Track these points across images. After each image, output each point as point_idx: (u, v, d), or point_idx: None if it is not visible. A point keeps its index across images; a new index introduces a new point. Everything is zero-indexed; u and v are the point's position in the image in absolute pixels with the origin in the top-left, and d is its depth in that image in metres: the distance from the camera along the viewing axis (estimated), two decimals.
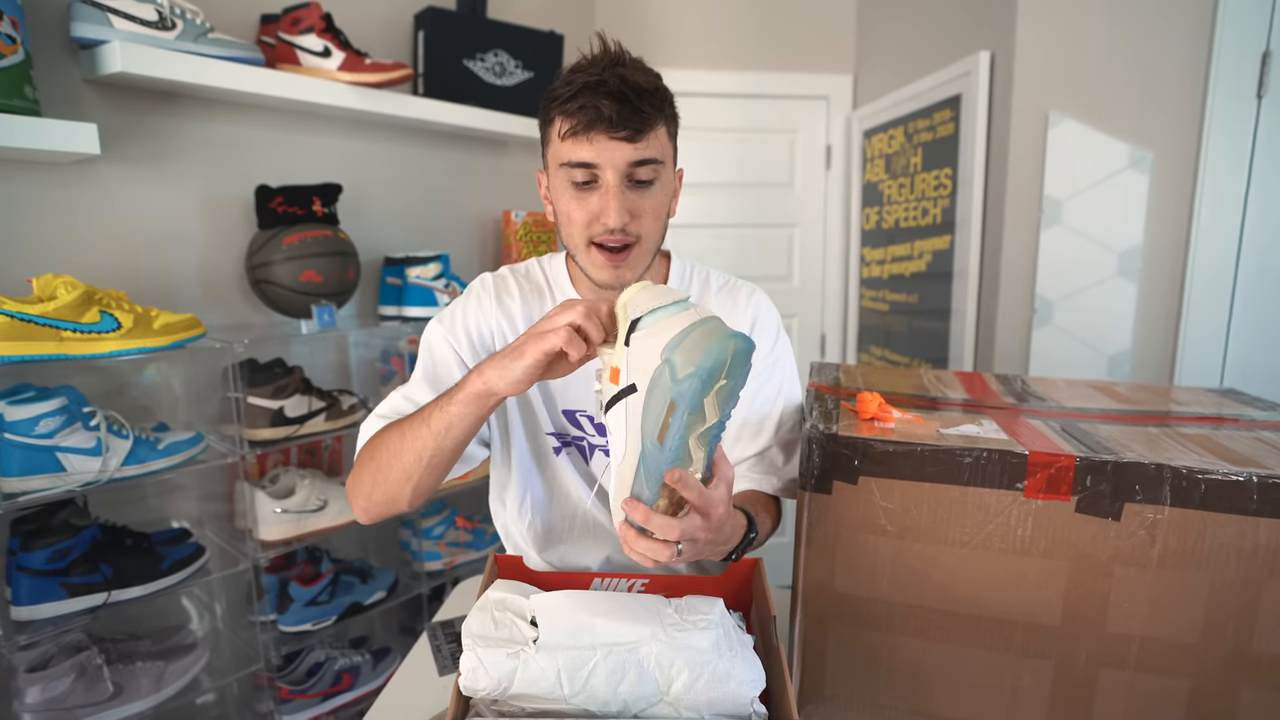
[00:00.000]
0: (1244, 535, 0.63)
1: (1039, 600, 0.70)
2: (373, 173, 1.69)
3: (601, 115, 0.77)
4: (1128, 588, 0.67)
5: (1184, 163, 1.48)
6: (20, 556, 1.09)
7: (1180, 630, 0.67)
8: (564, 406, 0.96)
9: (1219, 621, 0.66)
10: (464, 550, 1.72)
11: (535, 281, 0.99)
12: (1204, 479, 0.63)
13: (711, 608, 0.67)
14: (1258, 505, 0.63)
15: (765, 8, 2.29)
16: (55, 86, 1.19)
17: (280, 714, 1.44)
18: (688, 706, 0.61)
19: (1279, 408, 0.90)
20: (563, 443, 0.97)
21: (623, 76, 0.78)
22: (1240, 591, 0.64)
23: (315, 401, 1.41)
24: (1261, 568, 0.64)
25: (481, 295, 0.96)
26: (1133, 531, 0.66)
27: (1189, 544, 0.65)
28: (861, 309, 2.37)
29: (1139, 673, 0.69)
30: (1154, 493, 0.65)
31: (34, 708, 1.09)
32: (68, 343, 1.08)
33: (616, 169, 0.80)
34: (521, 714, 0.61)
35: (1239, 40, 1.41)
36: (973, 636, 0.72)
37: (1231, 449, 0.70)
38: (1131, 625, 0.68)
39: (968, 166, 1.74)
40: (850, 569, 0.75)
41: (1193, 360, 1.49)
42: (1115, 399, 0.93)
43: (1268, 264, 1.43)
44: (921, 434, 0.74)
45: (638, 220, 0.84)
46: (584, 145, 0.80)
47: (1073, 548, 0.68)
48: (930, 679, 0.75)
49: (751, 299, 0.98)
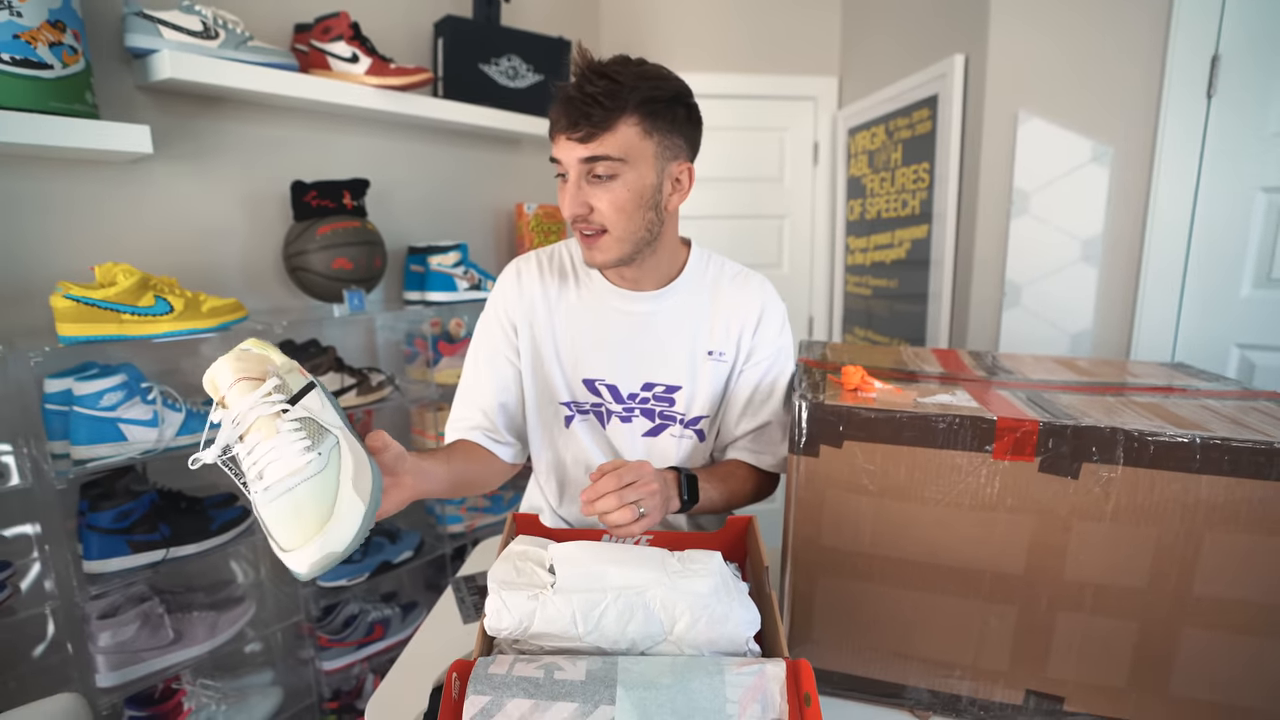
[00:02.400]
0: (1188, 491, 0.65)
1: (1005, 551, 0.71)
2: (397, 169, 1.69)
3: (559, 121, 0.84)
4: (1084, 539, 0.69)
5: (1140, 158, 1.48)
6: (90, 517, 1.11)
7: (1130, 577, 0.68)
8: (584, 376, 0.97)
9: (1164, 569, 0.67)
10: (483, 514, 1.75)
11: (559, 263, 1.01)
12: (1153, 440, 0.65)
13: (710, 558, 0.68)
14: (1200, 464, 0.64)
15: (758, 16, 2.27)
16: (111, 92, 1.20)
17: (320, 660, 1.47)
18: (689, 645, 0.63)
19: (1222, 379, 0.91)
20: (579, 411, 0.99)
21: (580, 85, 0.82)
22: (1184, 541, 0.66)
23: (347, 378, 1.43)
24: (1203, 520, 0.65)
25: (506, 285, 0.99)
26: (1089, 489, 0.67)
27: (1139, 500, 0.66)
28: (846, 293, 2.37)
29: (1093, 615, 0.70)
30: (1109, 453, 0.66)
31: (106, 650, 1.12)
32: (127, 324, 1.09)
33: (574, 166, 0.85)
34: (540, 651, 0.63)
35: (1191, 44, 1.40)
36: (945, 585, 0.74)
37: (1179, 415, 0.71)
38: (1086, 573, 0.69)
39: (944, 161, 1.73)
40: (835, 525, 0.76)
41: (1147, 337, 1.50)
42: (1077, 372, 0.94)
43: (1215, 251, 1.44)
44: (900, 402, 0.75)
45: (597, 211, 0.86)
46: (556, 145, 0.86)
47: (1036, 504, 0.69)
48: (907, 623, 0.77)
49: (762, 289, 1.00)
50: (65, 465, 1.08)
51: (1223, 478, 0.63)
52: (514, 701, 0.55)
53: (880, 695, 0.80)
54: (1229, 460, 0.63)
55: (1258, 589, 0.65)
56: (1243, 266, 1.42)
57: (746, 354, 0.98)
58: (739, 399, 0.98)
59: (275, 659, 1.49)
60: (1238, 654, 0.67)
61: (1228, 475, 0.63)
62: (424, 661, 0.93)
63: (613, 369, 0.96)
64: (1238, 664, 0.68)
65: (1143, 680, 0.71)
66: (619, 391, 0.97)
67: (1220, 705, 0.69)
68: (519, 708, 0.54)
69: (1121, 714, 0.72)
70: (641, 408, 0.98)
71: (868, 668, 0.79)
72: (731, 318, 0.97)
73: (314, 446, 0.58)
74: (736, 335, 0.97)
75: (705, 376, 0.97)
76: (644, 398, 0.98)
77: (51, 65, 1.03)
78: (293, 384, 0.61)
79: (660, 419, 0.99)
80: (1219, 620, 0.67)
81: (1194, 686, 0.69)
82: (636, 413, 0.98)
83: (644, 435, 0.99)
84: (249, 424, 0.57)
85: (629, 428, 0.98)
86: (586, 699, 0.55)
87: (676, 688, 0.56)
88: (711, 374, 0.97)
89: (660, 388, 0.97)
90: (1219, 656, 0.68)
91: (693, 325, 0.97)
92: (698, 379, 0.97)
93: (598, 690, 0.55)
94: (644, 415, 0.98)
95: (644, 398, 0.98)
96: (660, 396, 0.98)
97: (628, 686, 0.55)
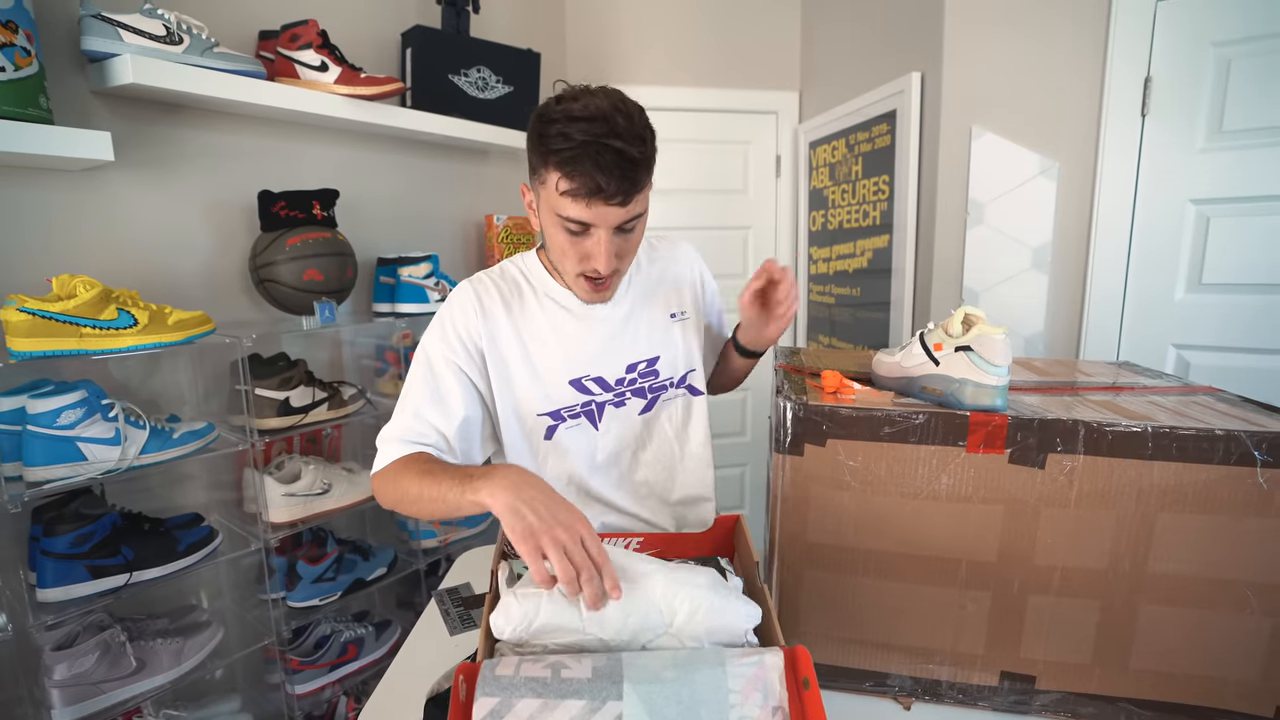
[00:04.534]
0: (1142, 476, 0.71)
1: (979, 540, 0.76)
2: (366, 179, 1.68)
3: (601, 189, 0.81)
4: (1051, 525, 0.74)
5: (1084, 171, 1.58)
6: (44, 542, 1.07)
7: (1092, 558, 0.74)
8: (570, 377, 0.99)
9: (1122, 549, 0.73)
10: (457, 528, 1.73)
11: (513, 280, 1.02)
12: (1110, 430, 0.71)
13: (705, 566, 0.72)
14: (1152, 451, 0.70)
15: (721, 31, 2.35)
16: (66, 97, 1.16)
17: (292, 684, 1.43)
18: (690, 636, 0.65)
19: (1165, 375, 0.99)
20: (565, 417, 1.00)
21: (620, 151, 0.79)
22: (1139, 523, 0.72)
23: (318, 392, 1.41)
24: (1155, 503, 0.71)
25: (465, 304, 0.97)
26: (1055, 477, 0.73)
27: (1099, 486, 0.72)
28: (810, 302, 2.44)
29: (1060, 597, 0.76)
30: (1071, 444, 0.72)
31: (62, 683, 1.07)
32: (88, 338, 1.06)
33: (609, 227, 0.86)
34: (544, 650, 0.65)
35: (1126, 65, 1.51)
36: (924, 574, 0.78)
37: (1130, 409, 0.77)
38: (1054, 557, 0.75)
39: (903, 174, 1.82)
40: (820, 521, 0.80)
41: (1094, 338, 1.61)
42: (1034, 371, 1.01)
43: (1152, 258, 1.55)
44: (878, 401, 0.79)
45: (622, 259, 0.91)
46: (583, 208, 0.83)
47: (1006, 493, 0.74)
48: (889, 613, 0.81)
49: (687, 249, 1.13)
50: (19, 488, 1.03)
51: (1172, 463, 0.70)
52: (523, 701, 0.56)
53: (865, 685, 0.83)
54: (1177, 447, 0.69)
55: (1203, 565, 0.72)
56: (1176, 272, 1.53)
57: (705, 311, 1.12)
58: (710, 330, 1.14)
59: (245, 684, 1.45)
60: (1186, 626, 0.74)
61: (1176, 460, 0.70)
62: (412, 676, 0.93)
63: (594, 362, 1.00)
64: (1185, 635, 0.74)
65: (1106, 656, 0.76)
66: (606, 381, 1.00)
67: (1174, 675, 0.75)
68: (528, 707, 0.56)
69: (1087, 689, 0.78)
70: (631, 389, 1.02)
71: (853, 658, 0.83)
72: (681, 280, 1.09)
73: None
74: (690, 296, 1.09)
75: (676, 337, 1.06)
76: (631, 379, 1.02)
77: (3, 68, 1.00)
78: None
79: (651, 393, 1.03)
80: (1171, 596, 0.73)
81: (1151, 659, 0.75)
82: (628, 395, 1.02)
83: (640, 414, 1.03)
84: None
85: (624, 411, 1.02)
86: (594, 695, 0.56)
87: (680, 681, 0.58)
88: (681, 332, 1.06)
89: (643, 364, 1.03)
90: (1171, 629, 0.74)
91: (650, 299, 1.05)
92: (672, 343, 1.05)
93: (604, 686, 0.57)
94: (635, 395, 1.02)
95: (631, 379, 1.02)
96: (645, 373, 1.03)
97: (634, 682, 0.57)
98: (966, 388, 0.76)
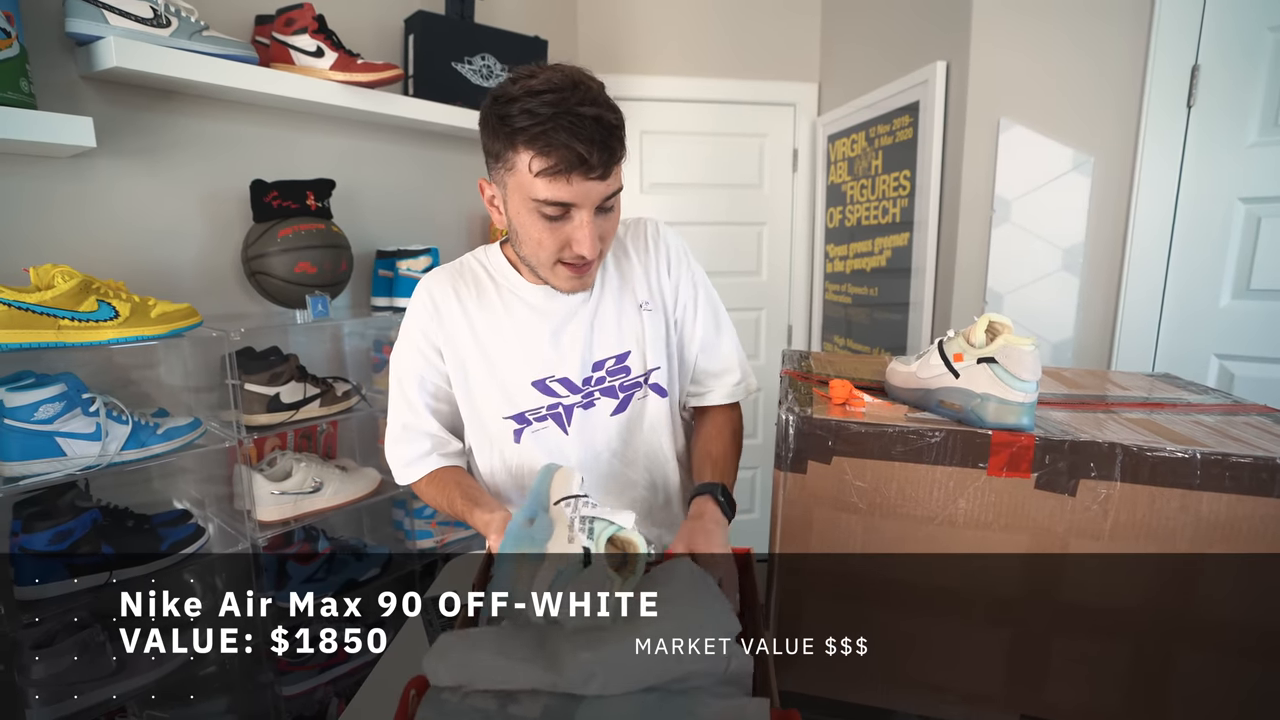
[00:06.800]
0: (1187, 509, 0.63)
1: (1000, 572, 0.69)
2: (364, 169, 1.63)
3: (583, 159, 0.74)
4: (1081, 559, 0.67)
5: (1122, 167, 1.49)
6: (23, 539, 1.04)
7: (1127, 597, 0.66)
8: (532, 378, 0.93)
9: (1161, 589, 0.65)
10: (454, 529, 1.69)
11: (472, 275, 0.96)
12: (1152, 456, 0.63)
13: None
14: (1200, 480, 0.62)
15: (737, 20, 2.26)
16: (50, 81, 1.13)
17: (280, 685, 1.40)
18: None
19: (1209, 390, 0.91)
20: (531, 421, 0.94)
21: (597, 117, 0.74)
22: (1183, 561, 0.64)
23: (310, 388, 1.37)
24: (1203, 538, 0.63)
25: (420, 309, 0.94)
26: (1087, 506, 0.65)
27: (1138, 517, 0.64)
28: (825, 301, 2.36)
29: (1090, 637, 0.68)
30: (1107, 469, 0.64)
31: (38, 683, 1.04)
32: (66, 331, 1.02)
33: (591, 205, 0.79)
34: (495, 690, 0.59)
35: (1171, 54, 1.41)
36: (937, 606, 0.72)
37: (1172, 430, 0.70)
38: (1084, 594, 0.67)
39: (925, 169, 1.73)
40: (823, 544, 0.74)
41: (1128, 347, 1.51)
42: (1063, 383, 0.93)
43: (1195, 261, 1.45)
44: (890, 416, 0.72)
45: (604, 241, 0.85)
46: (562, 186, 0.76)
47: (1032, 522, 0.67)
48: (898, 646, 0.74)
49: (651, 227, 1.01)
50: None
51: (1224, 494, 0.62)
52: None
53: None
54: (1230, 477, 0.61)
55: (1254, 611, 0.64)
56: (1222, 277, 1.43)
57: (672, 297, 0.98)
58: (692, 347, 1.00)
59: (232, 685, 1.42)
60: (1229, 678, 0.66)
61: (1229, 492, 0.62)
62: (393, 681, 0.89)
63: (559, 362, 0.93)
64: (1228, 689, 0.66)
65: (1136, 705, 0.69)
66: (572, 382, 0.93)
67: None
68: None
69: None
70: (600, 389, 0.95)
71: (856, 692, 0.77)
72: (647, 266, 0.97)
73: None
74: (655, 281, 0.97)
75: (647, 329, 0.95)
76: (599, 378, 0.95)
77: None
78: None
79: (623, 391, 0.96)
80: (1215, 643, 0.65)
81: (1187, 711, 0.67)
82: (596, 395, 0.95)
83: (613, 414, 0.96)
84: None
85: (594, 413, 0.95)
86: None
87: None
88: (650, 324, 0.96)
89: (610, 360, 0.95)
90: (1212, 681, 0.66)
91: (616, 288, 0.96)
92: (643, 337, 0.95)
93: None
94: (605, 395, 0.95)
95: (599, 378, 0.95)
96: (614, 370, 0.95)
97: None
98: (989, 404, 0.68)
